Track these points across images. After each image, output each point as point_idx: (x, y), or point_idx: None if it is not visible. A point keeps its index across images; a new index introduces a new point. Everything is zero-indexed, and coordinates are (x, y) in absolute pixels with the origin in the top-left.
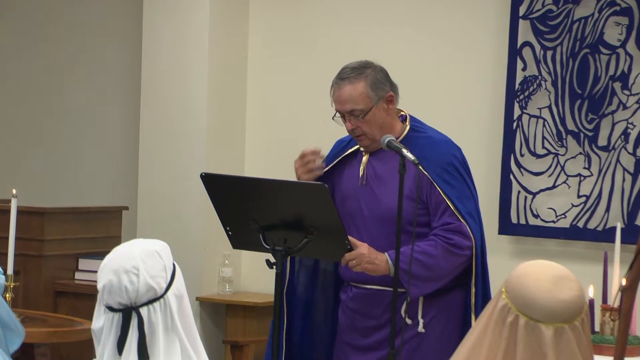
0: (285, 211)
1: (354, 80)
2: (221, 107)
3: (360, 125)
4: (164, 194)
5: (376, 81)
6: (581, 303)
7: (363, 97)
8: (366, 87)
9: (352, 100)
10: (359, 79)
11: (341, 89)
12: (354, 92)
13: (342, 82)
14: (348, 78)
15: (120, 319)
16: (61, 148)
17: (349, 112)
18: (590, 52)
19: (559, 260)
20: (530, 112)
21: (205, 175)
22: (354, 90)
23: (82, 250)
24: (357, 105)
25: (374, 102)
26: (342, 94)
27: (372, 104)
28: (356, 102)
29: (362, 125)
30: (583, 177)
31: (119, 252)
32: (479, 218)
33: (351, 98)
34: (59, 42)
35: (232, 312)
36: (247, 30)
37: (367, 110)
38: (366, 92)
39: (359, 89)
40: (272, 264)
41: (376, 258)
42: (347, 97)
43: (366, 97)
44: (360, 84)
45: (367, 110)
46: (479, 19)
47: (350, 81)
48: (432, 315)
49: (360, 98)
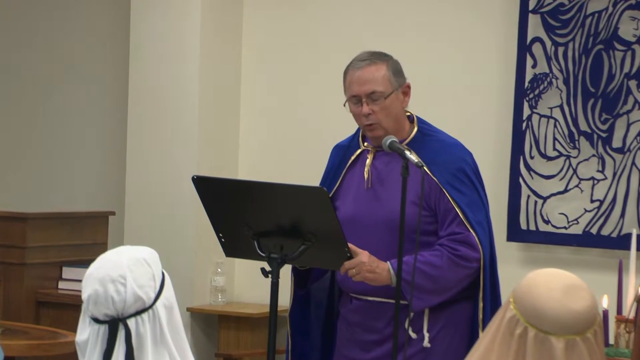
0: (282, 216)
1: (376, 61)
2: (214, 106)
3: (377, 112)
4: (153, 198)
5: (396, 68)
6: (594, 314)
7: (385, 80)
8: (388, 70)
9: (374, 81)
10: (381, 62)
11: (362, 69)
12: (377, 72)
13: (363, 63)
14: (369, 59)
15: (106, 331)
16: (43, 149)
17: (368, 95)
18: (604, 48)
19: (571, 269)
20: (540, 111)
21: (197, 178)
22: (377, 70)
23: (66, 258)
24: (378, 86)
25: (394, 88)
26: (364, 74)
27: (393, 90)
28: (378, 83)
29: (378, 112)
30: (596, 181)
31: (105, 260)
32: (490, 228)
33: (374, 78)
34: (43, 43)
35: (225, 324)
36: (241, 29)
37: (389, 94)
38: (388, 76)
39: (382, 70)
40: (267, 273)
41: (377, 267)
42: (369, 77)
43: (387, 80)
44: (383, 66)
45: (388, 93)
46: (486, 13)
47: (372, 62)
48: (439, 329)
49: (383, 80)
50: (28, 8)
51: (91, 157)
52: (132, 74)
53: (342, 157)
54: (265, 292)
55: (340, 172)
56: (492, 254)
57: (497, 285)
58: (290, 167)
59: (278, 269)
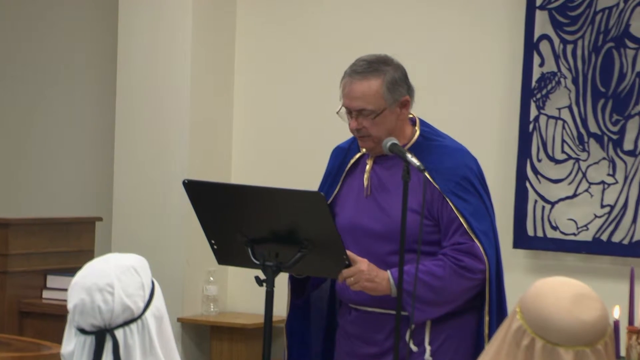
0: (277, 222)
1: (370, 76)
2: (206, 107)
3: (368, 127)
4: (142, 203)
5: (394, 82)
6: (604, 324)
7: (377, 97)
8: (382, 86)
9: (364, 99)
10: (375, 76)
11: (353, 84)
12: (368, 90)
13: (356, 77)
14: (363, 73)
15: (93, 342)
16: (27, 152)
17: (357, 111)
18: (615, 46)
19: (580, 277)
20: (548, 112)
21: (188, 182)
22: (368, 88)
23: (51, 266)
24: (368, 105)
25: (387, 105)
26: (354, 90)
27: (386, 106)
28: (368, 101)
29: (369, 127)
30: (607, 185)
31: (92, 268)
32: (496, 238)
33: (363, 96)
34: (29, 43)
35: (218, 335)
36: (234, 29)
37: (379, 112)
38: (381, 93)
39: (374, 87)
40: (262, 281)
41: (377, 276)
42: (358, 94)
43: (380, 97)
44: (376, 82)
45: (378, 112)
46: (491, 9)
47: (365, 77)
48: (441, 341)
49: (374, 98)
50: (11, 9)
51: (77, 160)
52: (119, 73)
53: (342, 161)
54: (260, 301)
55: (340, 176)
56: (499, 266)
57: (504, 299)
58: (286, 171)
59: (273, 277)
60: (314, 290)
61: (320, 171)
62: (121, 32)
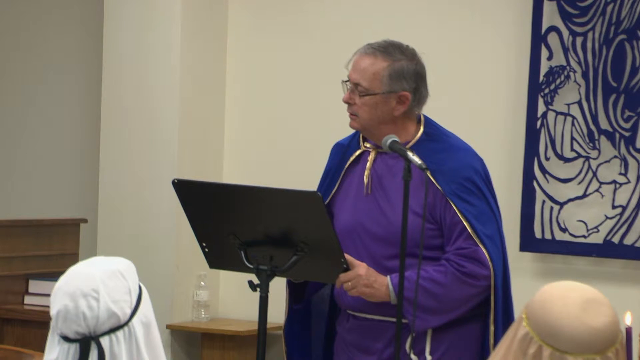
0: (272, 224)
1: (380, 55)
2: (196, 103)
3: (357, 105)
4: (129, 204)
5: (400, 72)
6: (615, 331)
7: (375, 78)
8: (385, 69)
9: (363, 73)
10: (384, 58)
11: (362, 57)
12: (370, 67)
13: (368, 50)
14: (377, 50)
15: (77, 350)
16: (8, 151)
17: (354, 84)
18: (627, 38)
19: (591, 282)
20: (556, 108)
21: (177, 182)
22: (371, 65)
23: (33, 270)
24: (363, 80)
25: (383, 90)
26: (359, 62)
27: (381, 91)
28: (365, 77)
29: (358, 106)
30: (619, 185)
31: (76, 273)
32: (502, 243)
33: (363, 71)
34: (13, 44)
35: (209, 342)
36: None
37: (369, 93)
38: (381, 75)
39: (377, 67)
40: (255, 286)
41: (375, 281)
42: (360, 68)
43: (378, 79)
44: (382, 63)
45: (369, 92)
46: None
47: (375, 54)
48: (443, 351)
49: (372, 77)
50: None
51: (61, 159)
52: (105, 67)
53: (342, 158)
54: (254, 307)
55: (339, 174)
56: (505, 272)
57: (511, 307)
58: (279, 170)
59: (267, 282)
60: (314, 294)
61: (315, 170)
62: (107, 29)
